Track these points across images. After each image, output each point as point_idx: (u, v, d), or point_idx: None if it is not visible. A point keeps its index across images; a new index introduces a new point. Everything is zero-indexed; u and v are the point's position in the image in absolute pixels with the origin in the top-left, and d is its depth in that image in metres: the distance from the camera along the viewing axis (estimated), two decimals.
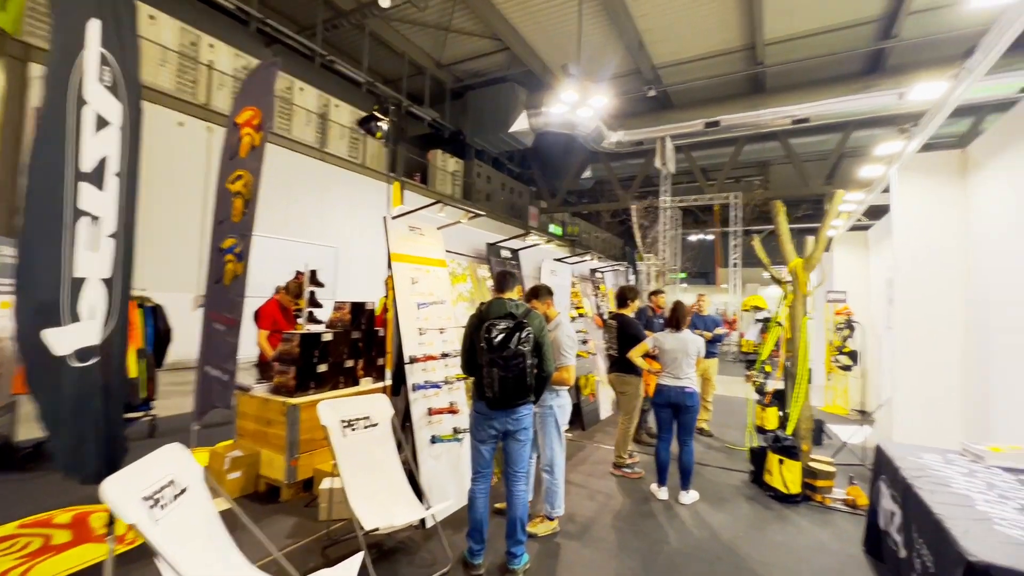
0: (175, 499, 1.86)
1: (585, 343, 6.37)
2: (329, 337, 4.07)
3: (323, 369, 4.00)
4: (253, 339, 4.67)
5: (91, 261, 1.78)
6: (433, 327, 3.76)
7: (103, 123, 1.78)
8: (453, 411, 3.63)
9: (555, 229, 23.23)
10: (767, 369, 5.39)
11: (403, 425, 3.40)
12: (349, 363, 4.27)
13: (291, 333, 3.95)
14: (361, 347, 4.44)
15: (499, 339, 2.63)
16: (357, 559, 2.15)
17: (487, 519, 2.88)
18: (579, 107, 12.41)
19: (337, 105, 13.69)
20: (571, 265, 6.78)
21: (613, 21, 13.22)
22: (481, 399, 2.79)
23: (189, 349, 3.88)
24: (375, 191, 13.60)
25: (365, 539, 2.58)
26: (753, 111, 14.86)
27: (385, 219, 3.70)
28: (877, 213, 7.48)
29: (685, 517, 3.72)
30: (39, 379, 1.68)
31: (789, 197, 16.86)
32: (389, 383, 3.94)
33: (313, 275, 4.97)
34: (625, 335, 4.56)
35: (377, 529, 2.60)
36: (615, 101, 13.80)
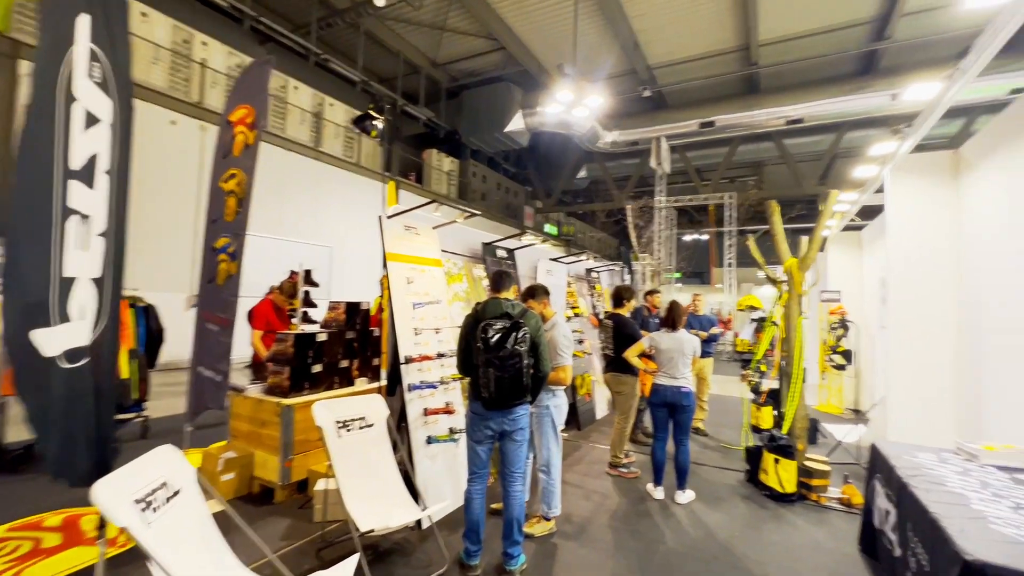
0: (168, 501, 1.83)
1: (581, 343, 6.37)
2: (324, 337, 4.05)
3: (318, 369, 3.98)
4: (247, 339, 4.63)
5: (81, 260, 1.75)
6: (429, 327, 3.74)
7: (93, 120, 1.74)
8: (449, 411, 3.61)
9: (550, 229, 23.24)
10: (762, 368, 5.41)
11: (399, 426, 3.38)
12: (344, 363, 4.25)
13: (285, 333, 3.92)
14: (356, 347, 4.41)
15: (495, 339, 2.62)
16: (353, 561, 2.13)
17: (484, 520, 2.87)
18: (574, 107, 12.42)
19: (332, 104, 13.63)
20: (567, 265, 6.78)
21: (608, 21, 13.24)
22: (477, 399, 2.78)
23: (182, 349, 3.84)
24: (370, 190, 13.55)
25: (361, 541, 2.56)
26: (748, 111, 14.94)
27: (380, 218, 3.67)
28: (870, 213, 7.53)
29: (681, 517, 3.72)
30: (27, 380, 1.65)
31: (783, 197, 16.92)
32: (384, 383, 3.93)
33: (307, 275, 4.93)
34: (621, 335, 4.56)
35: (373, 531, 2.58)
36: (610, 101, 13.83)
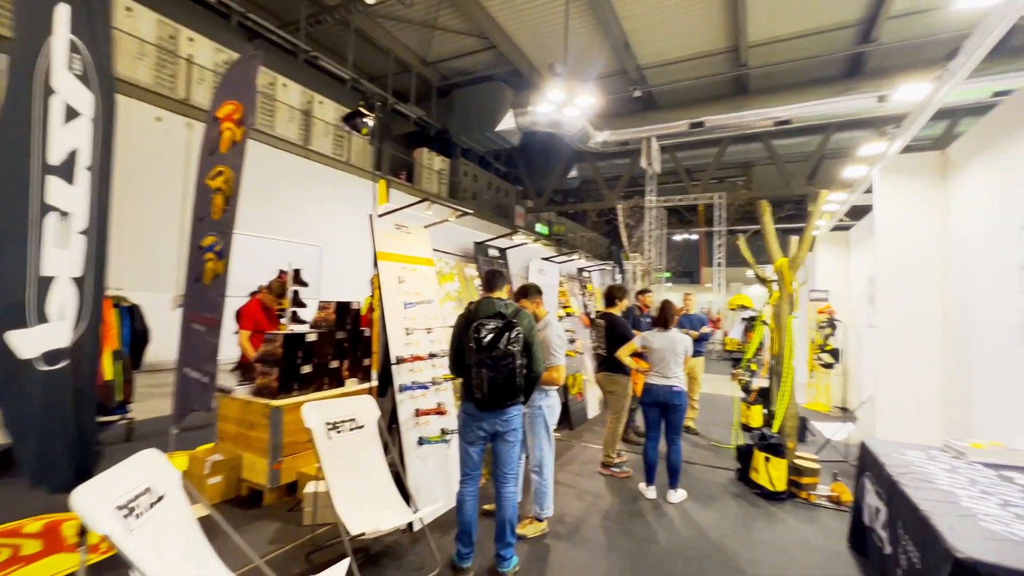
0: (151, 507, 1.78)
1: (572, 342, 6.36)
2: (313, 337, 3.99)
3: (307, 370, 3.92)
4: (233, 340, 4.56)
5: (60, 259, 1.69)
6: (420, 327, 3.71)
7: (73, 114, 1.69)
8: (441, 412, 3.58)
9: (541, 228, 23.25)
10: (753, 368, 5.44)
11: (390, 427, 3.34)
12: (334, 364, 4.19)
13: (274, 333, 3.86)
14: (346, 347, 4.36)
15: (488, 339, 2.59)
16: (343, 565, 2.09)
17: (476, 521, 2.84)
18: (565, 106, 12.43)
19: (321, 102, 13.50)
20: (559, 264, 6.77)
21: (599, 21, 13.26)
22: (470, 400, 2.75)
23: (168, 350, 3.77)
24: (360, 189, 13.44)
25: (351, 544, 2.52)
26: (737, 112, 15.06)
27: (371, 217, 3.63)
28: (858, 213, 7.61)
29: (673, 516, 3.72)
30: (4, 384, 1.60)
31: (772, 197, 17.08)
32: (375, 384, 3.88)
33: (296, 274, 4.87)
34: (613, 334, 4.55)
35: (363, 534, 2.54)
36: (601, 101, 13.86)
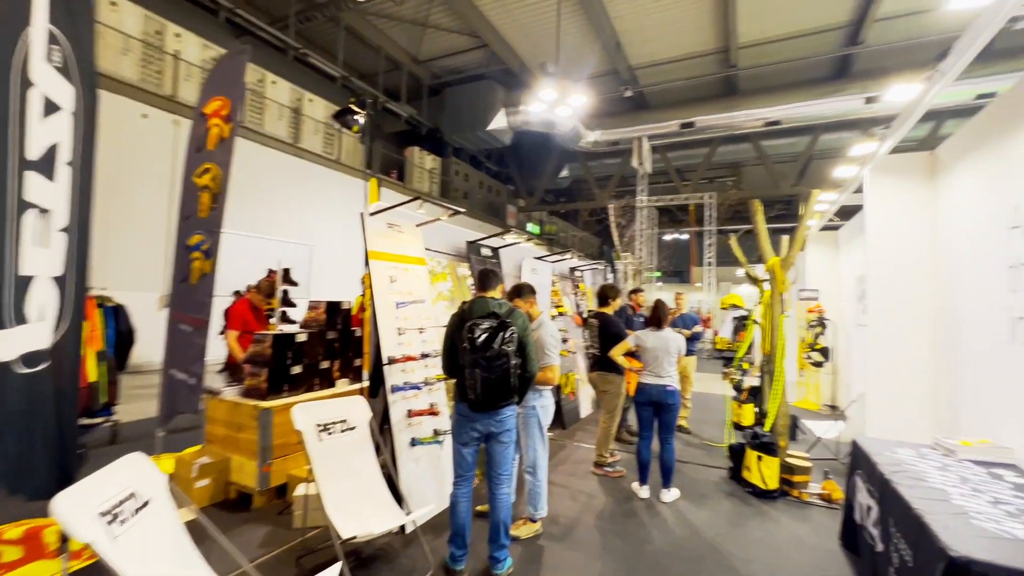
0: (136, 513, 1.73)
1: (565, 341, 6.34)
2: (303, 338, 3.94)
3: (297, 371, 3.86)
4: (221, 340, 4.48)
5: (40, 258, 1.63)
6: (412, 327, 3.66)
7: (53, 107, 1.63)
8: (434, 413, 3.54)
9: (533, 228, 23.25)
10: (744, 366, 5.47)
11: (381, 428, 3.30)
12: (324, 364, 4.14)
13: (263, 334, 3.80)
14: (337, 348, 4.30)
15: (482, 339, 2.56)
16: (335, 569, 2.06)
17: (469, 523, 2.81)
18: (557, 106, 12.43)
19: (311, 100, 13.37)
20: (551, 264, 6.75)
21: (591, 21, 13.28)
22: (463, 401, 2.72)
23: (154, 351, 3.69)
24: (351, 188, 13.34)
25: (342, 547, 2.48)
26: (727, 113, 15.18)
27: (362, 215, 3.58)
28: (847, 214, 7.69)
29: (667, 515, 3.72)
30: None
31: (761, 197, 17.23)
32: (367, 385, 3.84)
33: (286, 273, 4.80)
34: (607, 334, 4.55)
35: (355, 537, 2.51)
36: (592, 101, 13.89)
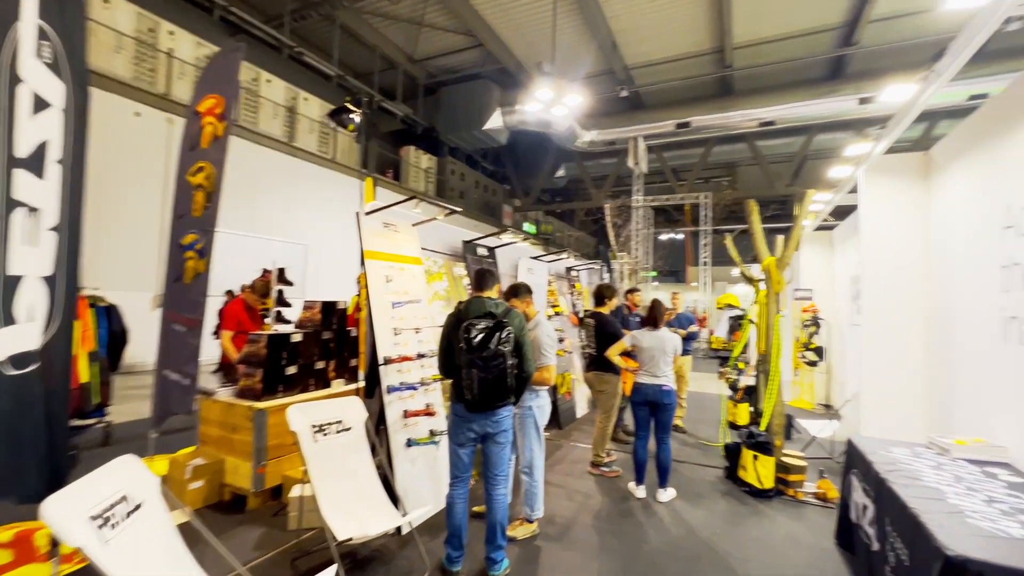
0: (128, 516, 1.71)
1: (562, 341, 6.34)
2: (299, 338, 3.91)
3: (292, 371, 3.84)
4: (215, 340, 4.44)
5: (29, 257, 1.61)
6: (408, 327, 3.65)
7: (42, 104, 1.60)
8: (430, 413, 3.52)
9: (529, 227, 23.25)
10: (740, 366, 5.48)
11: (377, 428, 3.28)
12: (320, 365, 4.11)
13: (258, 334, 3.77)
14: (332, 348, 4.28)
15: (479, 339, 2.55)
16: (330, 572, 2.04)
17: (466, 524, 2.80)
18: (553, 105, 12.42)
19: (306, 98, 13.30)
20: (547, 263, 6.74)
21: (587, 21, 13.28)
22: (459, 401, 2.71)
23: (148, 351, 3.65)
24: (346, 187, 13.28)
25: (338, 549, 2.46)
26: (722, 113, 15.21)
27: (358, 215, 3.56)
28: (841, 214, 7.73)
29: (663, 515, 3.72)
30: None
31: (756, 197, 17.31)
32: (362, 385, 3.81)
33: (281, 273, 4.76)
34: (603, 333, 4.54)
35: (351, 539, 2.49)
36: (588, 100, 13.88)
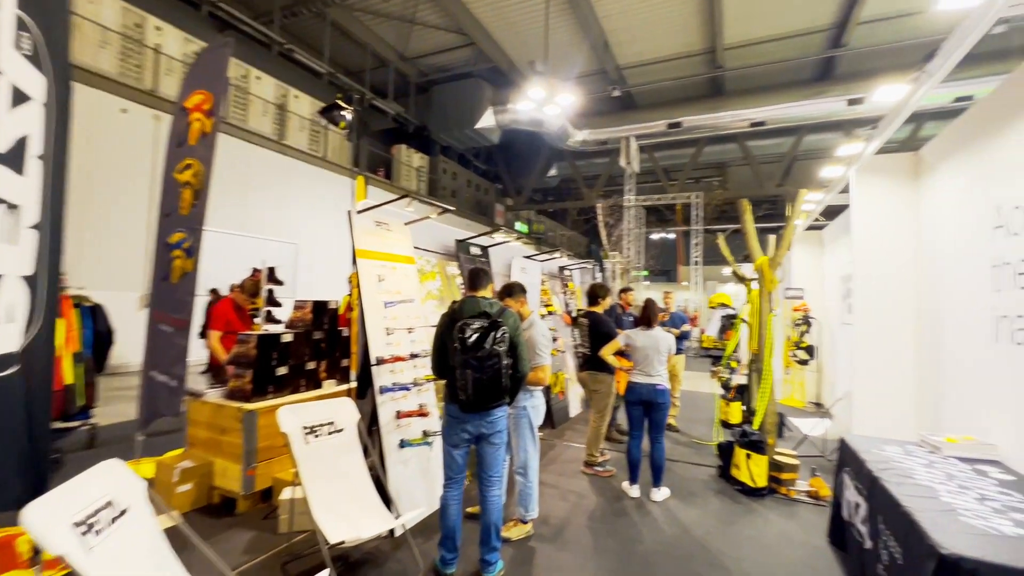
0: (113, 522, 1.66)
1: (555, 341, 6.33)
2: (289, 338, 3.86)
3: (283, 372, 3.78)
4: (202, 341, 4.37)
5: (8, 255, 1.55)
6: (401, 327, 3.61)
7: (22, 97, 1.55)
8: (423, 414, 3.49)
9: (521, 227, 23.23)
10: (732, 365, 5.50)
11: (369, 429, 3.24)
12: (311, 365, 4.06)
13: (247, 334, 3.71)
14: (324, 348, 4.23)
15: (473, 339, 2.52)
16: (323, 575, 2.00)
17: (460, 526, 2.77)
18: (545, 104, 12.41)
19: (297, 96, 13.16)
20: (540, 263, 6.73)
21: (579, 20, 13.28)
22: (454, 402, 2.68)
23: (134, 351, 3.58)
24: (337, 186, 13.17)
25: (330, 552, 2.42)
26: (713, 113, 15.31)
27: (349, 213, 3.51)
28: (831, 213, 7.78)
29: (658, 515, 3.72)
30: None
31: (746, 197, 17.45)
32: (354, 386, 3.77)
33: (271, 272, 4.70)
34: (597, 333, 4.53)
35: (343, 542, 2.45)
36: (581, 100, 13.90)
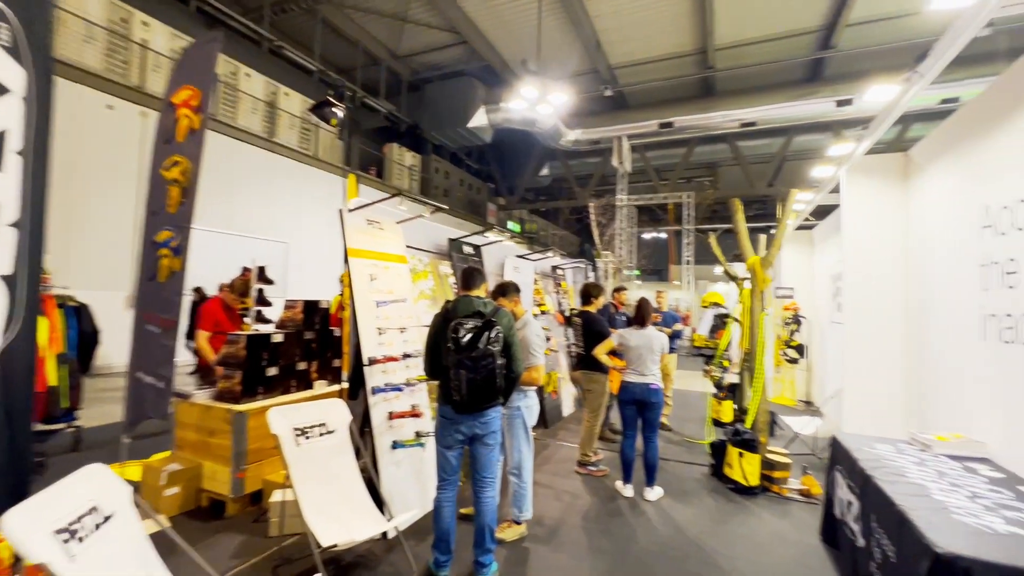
0: (97, 528, 1.61)
1: (548, 340, 6.32)
2: (280, 338, 3.81)
3: (273, 373, 3.73)
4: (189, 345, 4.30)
5: None
6: (393, 326, 3.57)
7: (1, 90, 1.50)
8: (416, 415, 3.45)
9: (513, 226, 23.19)
10: (724, 364, 5.52)
11: (361, 431, 3.20)
12: (302, 366, 4.01)
13: (237, 334, 3.65)
14: (315, 348, 4.18)
15: (467, 339, 2.50)
16: None
17: (454, 528, 2.75)
18: (538, 103, 12.40)
19: (287, 93, 13.01)
20: (533, 262, 6.71)
21: (571, 19, 13.27)
22: (447, 403, 2.65)
23: (120, 352, 3.51)
24: (328, 184, 13.05)
25: (321, 556, 2.39)
26: (704, 113, 15.38)
27: (341, 212, 3.47)
28: (821, 213, 7.85)
29: (651, 514, 3.72)
30: None
31: (737, 197, 17.57)
32: (346, 386, 3.73)
33: (261, 272, 4.63)
34: (590, 332, 4.53)
35: (335, 545, 2.41)
36: (573, 99, 13.89)
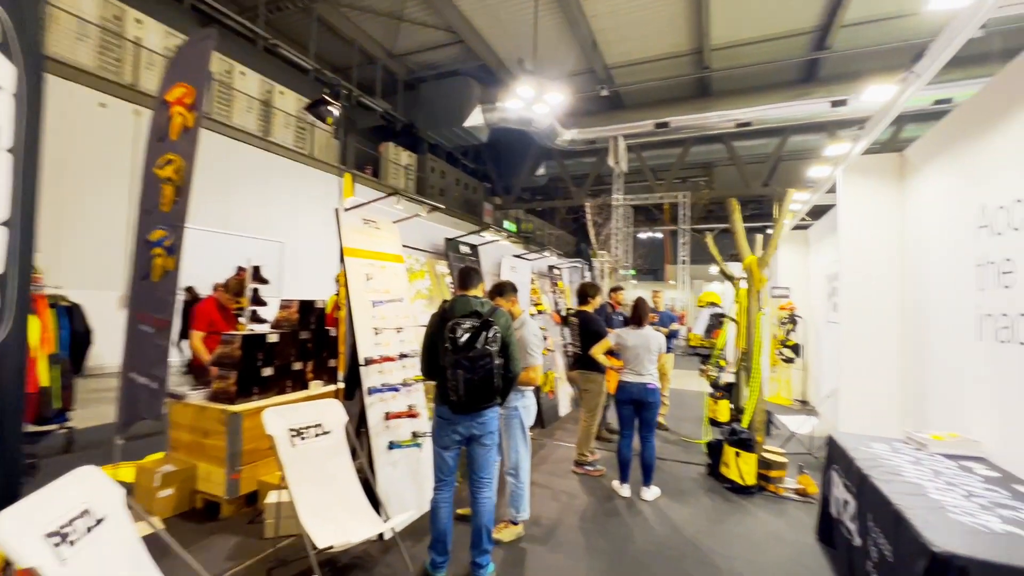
0: (89, 532, 1.59)
1: (545, 340, 6.31)
2: (275, 338, 3.78)
3: (268, 373, 3.71)
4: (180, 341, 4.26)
5: None
6: (390, 326, 3.55)
7: None
8: (412, 415, 3.44)
9: (510, 226, 23.19)
10: (721, 363, 5.53)
11: (358, 431, 3.18)
12: (297, 366, 3.99)
13: (231, 334, 3.62)
14: (311, 348, 4.16)
15: (465, 339, 2.48)
16: None
17: (451, 529, 2.73)
18: (534, 103, 12.39)
19: (282, 92, 12.95)
20: (530, 262, 6.70)
21: (568, 19, 13.27)
22: (444, 403, 2.63)
23: (114, 352, 3.48)
24: (324, 183, 13.00)
25: (317, 557, 2.37)
26: (700, 113, 15.42)
27: (337, 211, 3.45)
28: (817, 213, 7.88)
29: (648, 514, 3.71)
30: None
31: (733, 197, 17.64)
32: (342, 387, 3.71)
33: (256, 271, 4.59)
34: (587, 332, 4.52)
35: (331, 546, 2.40)
36: (569, 99, 13.89)
